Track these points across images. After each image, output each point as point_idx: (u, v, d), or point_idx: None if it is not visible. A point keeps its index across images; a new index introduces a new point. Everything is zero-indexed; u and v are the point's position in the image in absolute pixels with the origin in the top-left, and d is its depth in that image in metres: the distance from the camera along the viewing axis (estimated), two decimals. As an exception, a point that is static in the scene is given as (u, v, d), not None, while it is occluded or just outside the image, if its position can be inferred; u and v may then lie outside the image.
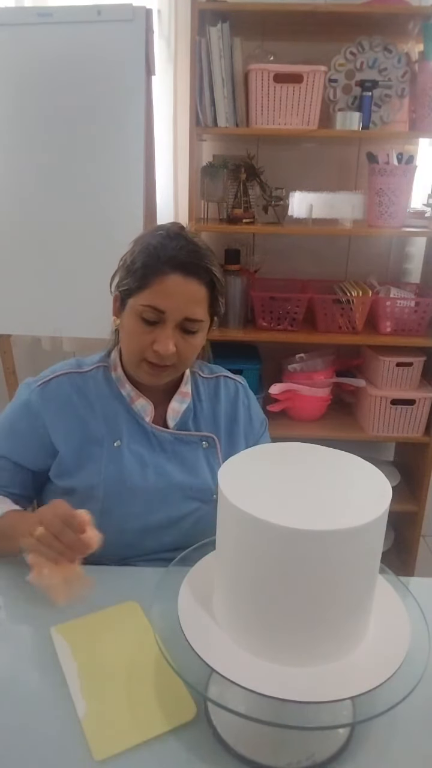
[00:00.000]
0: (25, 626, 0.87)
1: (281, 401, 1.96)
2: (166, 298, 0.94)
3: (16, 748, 0.68)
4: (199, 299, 0.96)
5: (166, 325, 0.95)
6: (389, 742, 0.70)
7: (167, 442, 1.06)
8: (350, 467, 0.70)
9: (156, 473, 1.04)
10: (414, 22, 1.71)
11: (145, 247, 0.95)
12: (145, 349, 0.97)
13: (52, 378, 1.06)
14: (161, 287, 0.93)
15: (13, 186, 1.80)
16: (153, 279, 0.93)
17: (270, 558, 0.60)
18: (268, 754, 0.68)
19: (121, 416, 1.05)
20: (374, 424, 1.97)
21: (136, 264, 0.95)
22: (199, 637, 0.65)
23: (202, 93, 1.70)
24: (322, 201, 1.80)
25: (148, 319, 0.95)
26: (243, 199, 1.88)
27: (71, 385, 1.05)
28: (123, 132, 1.71)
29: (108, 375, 1.08)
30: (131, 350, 1.00)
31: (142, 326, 0.96)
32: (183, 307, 0.95)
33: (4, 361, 2.02)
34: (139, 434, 1.05)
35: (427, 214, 1.89)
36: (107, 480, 1.01)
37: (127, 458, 1.03)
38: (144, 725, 0.71)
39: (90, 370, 1.07)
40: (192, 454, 1.07)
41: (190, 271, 0.94)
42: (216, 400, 1.13)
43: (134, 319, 0.97)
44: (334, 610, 0.62)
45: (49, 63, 1.71)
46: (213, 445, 1.09)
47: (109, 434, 1.04)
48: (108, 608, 0.89)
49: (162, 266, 0.93)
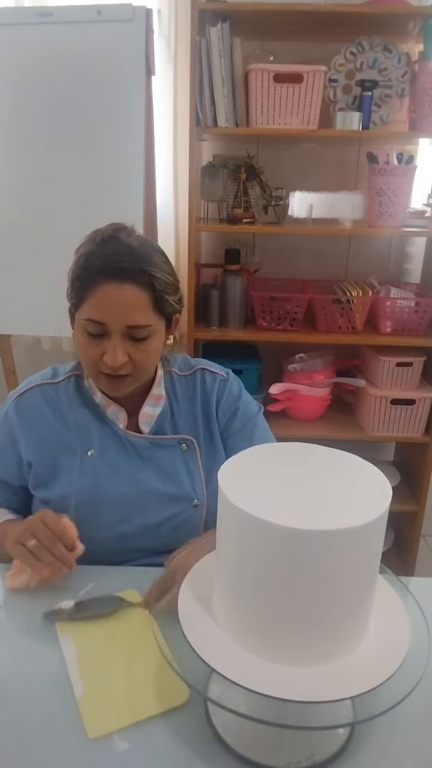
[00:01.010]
0: (25, 626, 0.87)
1: (281, 401, 1.96)
2: (103, 309, 0.90)
3: (14, 739, 0.68)
4: (140, 304, 0.91)
5: (112, 336, 0.91)
6: (389, 742, 0.70)
7: (143, 448, 1.03)
8: (350, 467, 0.70)
9: (129, 481, 1.01)
10: (414, 22, 1.71)
11: (78, 257, 0.92)
12: (96, 362, 0.94)
13: (25, 391, 1.05)
14: (96, 299, 0.90)
15: (13, 185, 1.80)
16: (87, 291, 0.90)
17: (270, 558, 0.60)
18: (268, 754, 0.68)
19: (94, 425, 1.03)
20: (374, 424, 1.97)
21: (73, 276, 0.93)
22: (199, 637, 0.65)
23: (202, 93, 1.70)
24: (322, 201, 1.80)
25: (92, 332, 0.92)
26: (243, 199, 1.88)
27: (44, 397, 1.04)
28: (123, 132, 1.71)
29: (80, 383, 1.05)
30: (85, 364, 0.97)
31: (89, 339, 0.93)
32: (123, 316, 0.90)
33: (4, 361, 2.02)
34: (114, 442, 1.03)
35: (427, 214, 1.89)
36: (79, 490, 1.00)
37: (100, 467, 1.01)
38: (138, 707, 0.72)
39: (62, 380, 1.06)
40: (169, 460, 1.04)
41: (123, 277, 0.89)
42: (194, 397, 1.08)
43: (81, 333, 0.94)
44: (334, 610, 0.62)
45: (49, 63, 1.71)
46: (192, 448, 1.05)
47: (82, 444, 1.02)
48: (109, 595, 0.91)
49: (94, 276, 0.89)
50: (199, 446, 1.06)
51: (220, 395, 1.09)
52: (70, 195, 1.77)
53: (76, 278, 0.92)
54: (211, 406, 1.08)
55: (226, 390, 1.09)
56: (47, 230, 1.80)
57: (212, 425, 1.08)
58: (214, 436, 1.08)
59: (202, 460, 1.05)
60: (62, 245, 1.82)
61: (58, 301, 1.87)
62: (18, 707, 0.73)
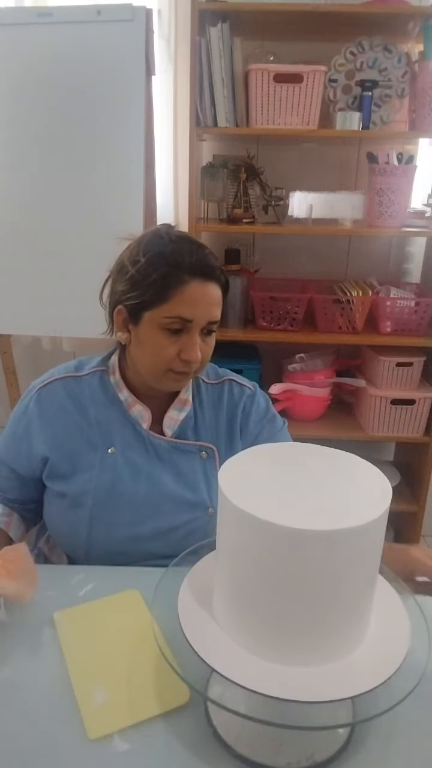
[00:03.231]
0: (25, 626, 0.87)
1: (281, 401, 1.96)
2: (192, 307, 0.92)
3: (14, 740, 0.68)
4: (219, 301, 0.96)
5: (192, 332, 0.94)
6: (389, 742, 0.70)
7: (164, 451, 1.03)
8: (350, 467, 0.70)
9: (148, 482, 1.01)
10: (414, 22, 1.71)
11: (156, 255, 0.92)
12: (172, 359, 0.95)
13: (48, 383, 1.05)
14: (185, 296, 0.91)
15: (13, 186, 1.80)
16: (174, 289, 0.91)
17: (270, 558, 0.60)
18: (268, 754, 0.68)
19: (117, 422, 1.03)
20: (374, 424, 1.97)
21: (152, 276, 0.91)
22: (199, 637, 0.65)
23: (202, 93, 1.70)
24: (322, 201, 1.80)
25: (174, 329, 0.93)
26: (243, 199, 1.88)
27: (66, 390, 1.04)
28: (123, 132, 1.71)
29: (105, 380, 1.05)
30: (156, 363, 0.96)
31: (168, 338, 0.94)
32: (207, 313, 0.94)
33: (4, 361, 2.02)
34: (135, 441, 1.03)
35: (427, 214, 1.89)
36: (98, 487, 1.00)
37: (120, 465, 1.01)
38: (139, 707, 0.72)
39: (86, 374, 1.05)
40: (189, 465, 1.04)
41: (208, 275, 0.92)
42: (219, 406, 1.09)
43: (157, 332, 0.94)
44: (335, 610, 0.62)
45: (49, 63, 1.71)
46: (212, 456, 1.05)
47: (103, 441, 1.02)
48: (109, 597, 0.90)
49: (181, 275, 0.91)
50: (219, 455, 1.06)
51: (248, 409, 1.10)
52: (70, 195, 1.77)
53: (162, 276, 0.91)
54: (236, 417, 1.09)
55: (255, 403, 1.11)
56: (47, 230, 1.80)
57: (234, 436, 1.09)
58: (235, 447, 1.08)
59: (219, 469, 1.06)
60: (62, 245, 1.84)
61: (58, 301, 1.89)
62: (18, 707, 0.73)
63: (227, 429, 1.08)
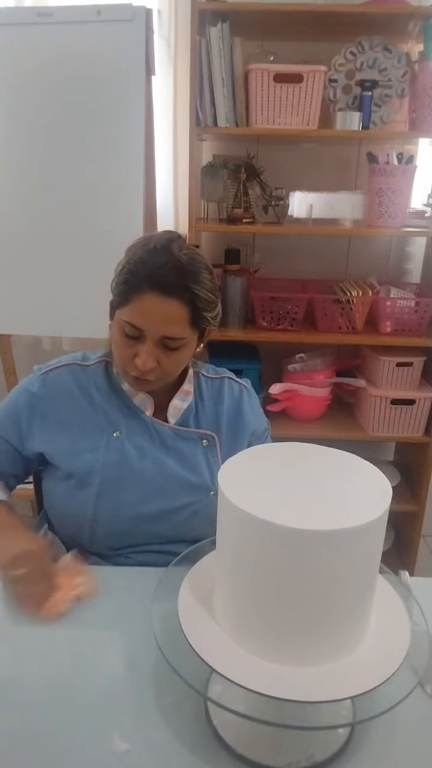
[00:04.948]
0: (25, 626, 0.87)
1: (281, 401, 1.96)
2: (143, 317, 0.93)
3: (13, 739, 0.68)
4: (178, 318, 0.94)
5: (146, 342, 0.95)
6: (389, 742, 0.70)
7: (167, 437, 1.07)
8: (350, 467, 0.70)
9: (154, 464, 1.05)
10: (414, 22, 1.71)
11: (129, 260, 0.94)
12: (127, 361, 0.97)
13: (55, 367, 1.08)
14: (139, 305, 0.92)
15: (13, 185, 1.80)
16: (132, 296, 0.93)
17: (270, 558, 0.60)
18: (268, 754, 0.68)
19: (121, 410, 1.06)
20: (374, 424, 1.97)
21: (121, 277, 0.95)
22: (199, 637, 0.65)
23: (202, 93, 1.70)
24: (322, 201, 1.80)
25: (129, 334, 0.95)
26: (243, 199, 1.88)
27: (72, 376, 1.07)
28: (123, 132, 1.71)
29: (109, 370, 1.09)
30: (117, 360, 1.01)
31: (125, 339, 0.96)
32: (161, 327, 0.94)
33: (4, 361, 2.02)
34: (139, 428, 1.06)
35: (427, 214, 1.89)
36: (105, 466, 1.02)
37: (127, 447, 1.04)
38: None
39: (92, 364, 1.09)
40: (191, 451, 1.08)
41: (168, 291, 0.92)
42: (219, 400, 1.13)
43: (118, 331, 0.97)
44: (334, 610, 0.62)
45: (49, 63, 1.71)
46: (212, 444, 1.09)
47: (109, 426, 1.05)
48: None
49: (140, 284, 0.92)
50: (220, 444, 1.10)
51: (251, 404, 1.16)
52: (70, 195, 1.77)
53: (124, 281, 0.94)
54: (239, 409, 1.13)
55: (252, 399, 1.17)
56: (47, 230, 1.80)
57: (240, 430, 1.13)
58: (236, 438, 1.12)
59: (221, 456, 1.09)
60: (62, 245, 1.84)
61: (58, 301, 1.89)
62: (17, 707, 0.73)
63: (230, 422, 1.12)
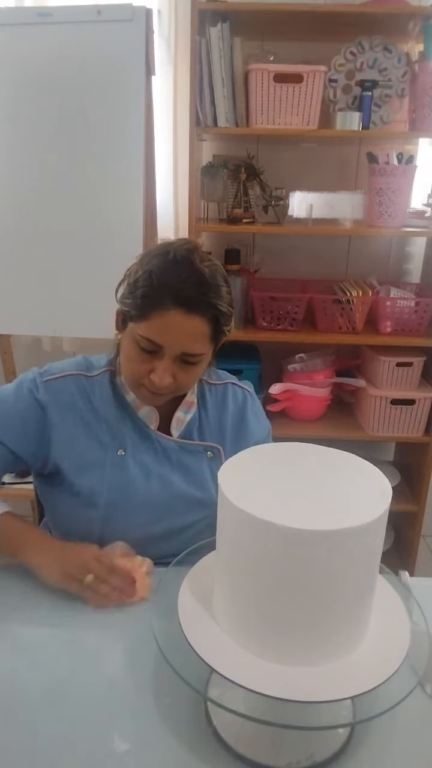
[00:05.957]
0: (25, 626, 0.87)
1: (281, 401, 1.96)
2: (165, 334, 0.89)
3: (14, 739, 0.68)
4: (200, 335, 0.91)
5: (164, 358, 0.91)
6: (389, 742, 0.70)
7: (172, 451, 1.04)
8: (350, 467, 0.70)
9: (160, 483, 1.02)
10: (414, 22, 1.71)
11: (148, 272, 0.89)
12: (142, 376, 0.94)
13: (59, 377, 1.03)
14: (160, 322, 0.88)
15: (13, 186, 1.80)
16: (153, 312, 0.88)
17: (270, 558, 0.60)
18: (268, 754, 0.68)
19: (126, 423, 1.03)
20: (374, 424, 1.97)
21: (138, 290, 0.89)
22: (199, 637, 0.65)
23: (202, 93, 1.70)
24: (322, 201, 1.80)
25: (146, 348, 0.91)
26: (243, 199, 1.88)
27: (78, 388, 1.03)
28: (123, 132, 1.71)
29: (114, 380, 1.05)
30: (128, 374, 0.97)
31: (140, 354, 0.92)
32: (182, 343, 0.91)
33: (4, 361, 2.02)
34: (144, 442, 1.04)
35: (427, 214, 1.89)
36: (110, 488, 1.00)
37: (132, 468, 1.02)
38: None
39: (97, 374, 1.05)
40: (196, 465, 1.05)
41: (192, 308, 0.88)
42: (223, 408, 1.10)
43: (132, 346, 0.93)
44: (334, 610, 0.62)
45: (49, 63, 1.71)
46: (217, 456, 1.07)
47: (113, 441, 1.02)
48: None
49: (163, 299, 0.87)
50: (225, 455, 1.07)
51: (254, 409, 1.14)
52: (70, 195, 1.76)
53: (143, 294, 0.89)
54: (243, 417, 1.11)
55: (255, 404, 1.15)
56: (47, 230, 1.80)
57: (243, 434, 1.10)
58: (240, 445, 1.06)
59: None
60: (62, 245, 1.84)
61: (58, 301, 1.89)
62: (18, 707, 0.73)
63: (234, 429, 1.10)
